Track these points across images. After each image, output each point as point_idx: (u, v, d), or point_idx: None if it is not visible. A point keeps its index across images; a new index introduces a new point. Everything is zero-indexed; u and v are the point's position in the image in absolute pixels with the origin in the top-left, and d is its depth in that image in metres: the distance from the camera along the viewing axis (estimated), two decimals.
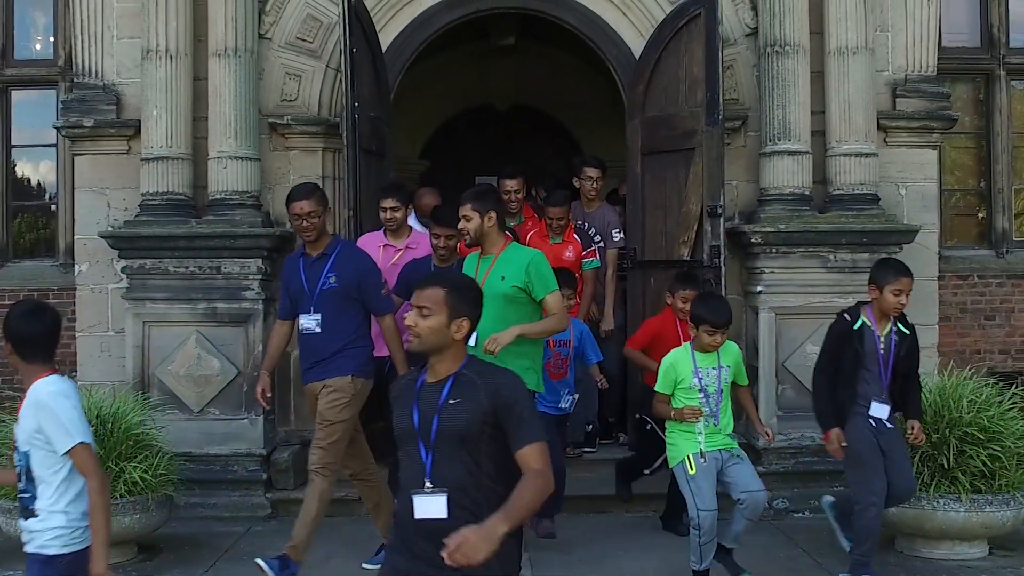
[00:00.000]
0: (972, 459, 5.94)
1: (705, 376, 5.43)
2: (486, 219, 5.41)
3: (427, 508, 3.39)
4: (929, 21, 7.81)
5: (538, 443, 3.42)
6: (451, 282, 3.59)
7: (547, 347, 6.02)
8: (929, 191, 7.87)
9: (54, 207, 9.62)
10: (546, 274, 5.42)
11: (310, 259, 5.85)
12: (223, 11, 7.18)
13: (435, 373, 3.51)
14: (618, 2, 7.71)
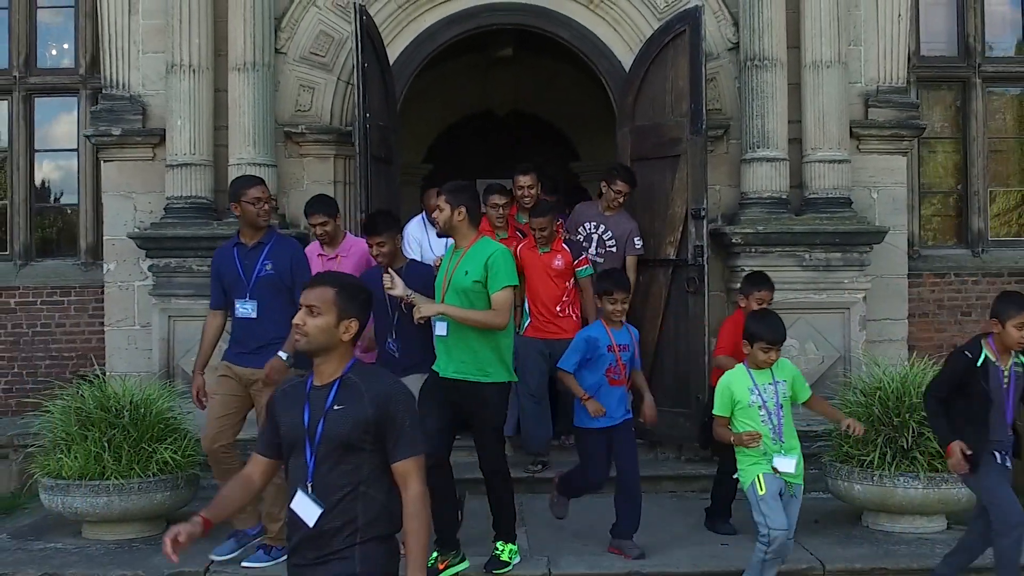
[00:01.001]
0: (930, 440, 6.55)
1: (764, 392, 5.41)
2: (456, 212, 5.70)
3: (303, 509, 3.47)
4: (899, 36, 8.45)
5: (416, 458, 3.49)
6: (341, 283, 3.61)
7: (609, 351, 6.09)
8: (899, 195, 8.51)
9: (70, 210, 10.35)
10: (501, 270, 5.65)
11: (245, 248, 6.18)
12: (242, 28, 7.85)
13: (321, 375, 3.55)
14: (609, 19, 8.38)
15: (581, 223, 7.88)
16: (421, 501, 3.49)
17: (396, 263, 6.27)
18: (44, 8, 10.24)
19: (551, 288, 7.53)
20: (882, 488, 6.61)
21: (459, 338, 5.70)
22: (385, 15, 8.19)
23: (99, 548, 6.53)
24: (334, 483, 3.46)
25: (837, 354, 7.87)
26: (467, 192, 5.89)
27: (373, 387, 3.50)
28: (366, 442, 3.46)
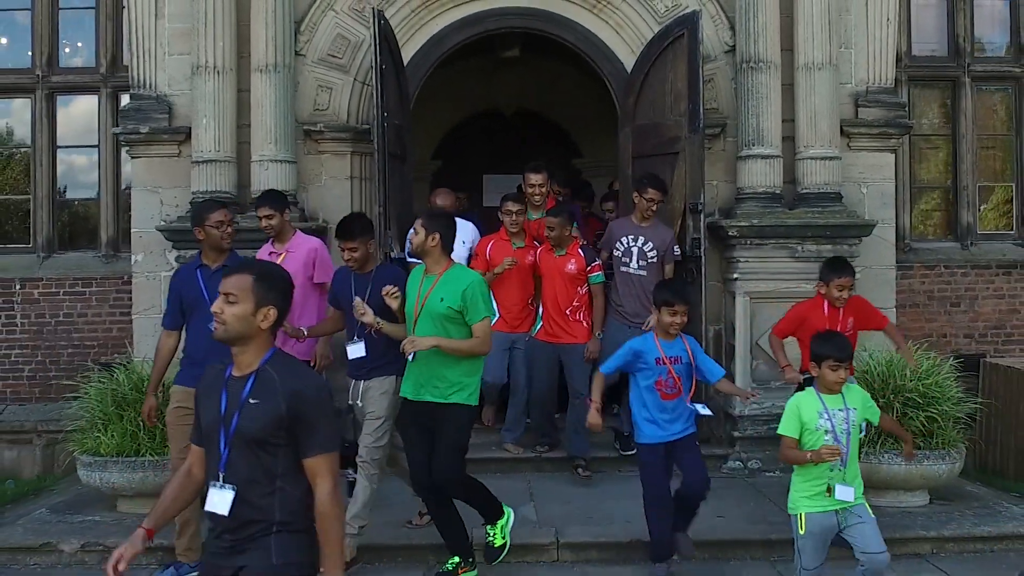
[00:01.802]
0: (913, 420, 7.11)
1: (833, 417, 5.28)
2: (429, 238, 5.87)
3: (215, 502, 3.48)
4: (887, 39, 8.95)
5: (327, 454, 3.48)
6: (259, 270, 3.60)
7: (658, 364, 5.94)
8: (887, 190, 9.03)
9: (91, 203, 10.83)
10: (480, 301, 5.84)
11: (209, 270, 6.31)
12: (264, 32, 8.36)
13: (240, 366, 3.55)
14: (612, 23, 8.92)
15: (618, 238, 7.97)
16: (331, 499, 3.47)
17: (367, 267, 6.39)
18: (66, 9, 10.71)
19: (563, 291, 7.88)
20: (868, 464, 7.03)
21: (429, 363, 5.88)
22: (400, 19, 8.71)
23: (134, 521, 6.96)
24: (249, 475, 3.47)
25: None
26: (443, 219, 6.09)
27: (288, 382, 3.48)
28: (280, 437, 3.46)
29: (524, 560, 6.48)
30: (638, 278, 7.85)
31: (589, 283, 7.95)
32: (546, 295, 7.98)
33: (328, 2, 8.74)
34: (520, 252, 8.03)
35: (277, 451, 3.47)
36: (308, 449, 3.46)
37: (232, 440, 3.48)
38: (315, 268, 7.13)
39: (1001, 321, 10.71)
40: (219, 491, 3.49)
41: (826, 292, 6.81)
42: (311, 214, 8.64)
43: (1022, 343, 10.71)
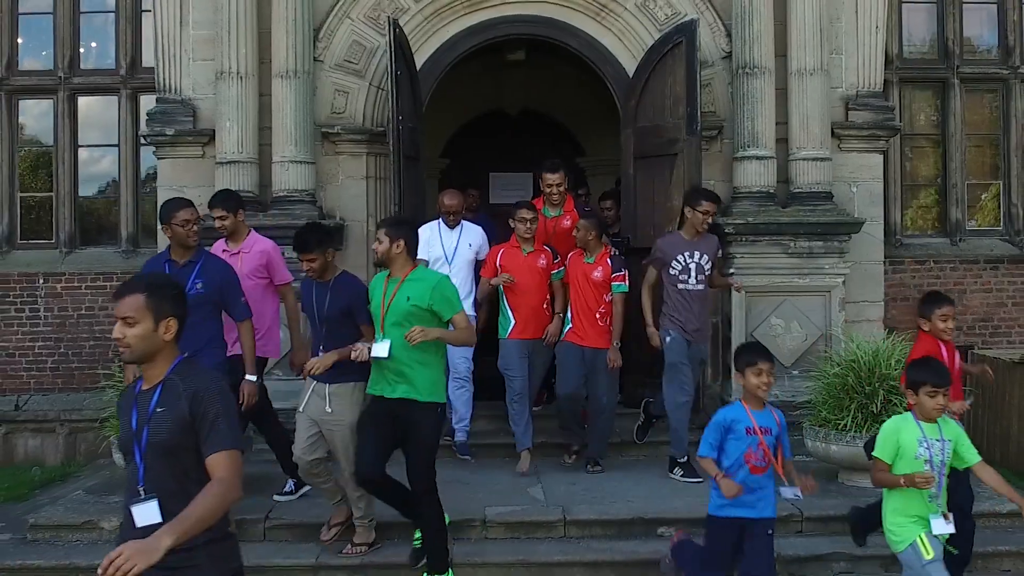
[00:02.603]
0: (896, 406, 7.68)
1: (932, 447, 5.17)
2: (395, 245, 6.14)
3: (144, 516, 3.53)
4: (876, 46, 9.52)
5: (228, 451, 3.49)
6: (148, 285, 3.63)
7: (748, 434, 5.53)
8: (876, 189, 9.61)
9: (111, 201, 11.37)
10: (451, 296, 6.15)
11: (176, 265, 6.58)
12: (284, 39, 8.94)
13: (149, 379, 3.61)
14: (615, 30, 9.50)
15: (675, 256, 8.00)
16: (222, 482, 3.46)
17: (327, 276, 6.56)
18: (87, 13, 11.22)
19: (590, 297, 8.15)
20: (854, 449, 7.63)
21: (401, 360, 6.10)
22: (413, 26, 9.29)
23: None
24: (166, 485, 3.54)
25: (819, 332, 8.97)
26: (406, 226, 6.35)
27: (190, 385, 3.55)
28: (190, 441, 3.51)
29: (534, 536, 7.06)
30: (698, 293, 8.00)
31: (612, 292, 8.17)
32: (574, 299, 8.24)
33: (345, 10, 9.33)
34: (531, 257, 8.31)
35: (189, 456, 3.53)
36: (210, 446, 3.50)
37: (146, 452, 3.54)
38: (270, 270, 7.43)
39: (989, 314, 11.23)
40: (142, 505, 3.56)
41: (930, 328, 6.51)
42: (328, 212, 9.23)
43: (1009, 335, 11.24)
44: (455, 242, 8.49)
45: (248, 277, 7.28)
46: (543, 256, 8.35)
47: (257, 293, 7.20)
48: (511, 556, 6.80)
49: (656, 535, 7.07)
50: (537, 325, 8.33)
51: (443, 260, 8.42)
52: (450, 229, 8.52)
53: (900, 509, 5.22)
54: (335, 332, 6.44)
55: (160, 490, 3.55)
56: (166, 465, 3.55)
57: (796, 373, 8.85)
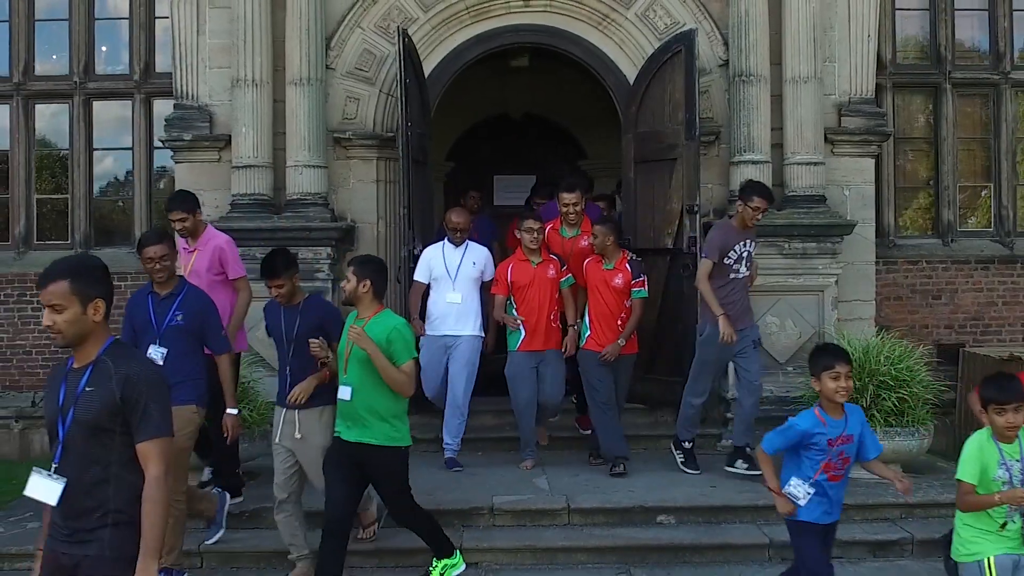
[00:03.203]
0: (885, 400, 8.09)
1: (1011, 468, 4.96)
2: (361, 284, 6.20)
3: (39, 491, 3.63)
4: (868, 54, 9.95)
5: (160, 439, 3.58)
6: (70, 270, 3.65)
7: (831, 445, 5.35)
8: (868, 192, 10.04)
9: (124, 203, 11.82)
10: (401, 344, 6.13)
11: (158, 297, 6.61)
12: (298, 48, 9.38)
13: (80, 359, 3.68)
14: (616, 38, 9.93)
15: (731, 247, 8.13)
16: (158, 483, 3.57)
17: (295, 300, 6.71)
18: (101, 20, 11.65)
19: (611, 303, 8.35)
20: None
21: (363, 403, 6.19)
22: (421, 35, 9.72)
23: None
24: (86, 464, 3.59)
25: (812, 330, 9.39)
26: (373, 265, 6.38)
27: (122, 368, 3.60)
28: (116, 424, 3.57)
29: (540, 523, 7.51)
30: (744, 281, 8.26)
31: (632, 297, 8.41)
32: (593, 306, 8.41)
33: (356, 20, 9.78)
34: (540, 268, 8.49)
35: (113, 438, 3.59)
36: (140, 433, 3.58)
37: (69, 429, 3.60)
38: (223, 265, 7.55)
39: (979, 313, 11.64)
40: (45, 479, 3.64)
41: None
42: (340, 214, 9.68)
43: (999, 333, 11.65)
44: (459, 261, 8.64)
45: (204, 273, 7.48)
46: (552, 266, 8.52)
47: (215, 289, 7.34)
48: (518, 542, 7.25)
49: (656, 523, 7.53)
50: (546, 336, 8.50)
51: (446, 279, 8.61)
52: (455, 247, 8.68)
53: (973, 523, 5.02)
54: (302, 353, 6.56)
55: (75, 468, 3.61)
56: (89, 446, 3.60)
57: (791, 369, 9.29)
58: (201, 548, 7.19)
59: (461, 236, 8.70)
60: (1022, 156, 12.10)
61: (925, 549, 7.21)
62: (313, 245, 9.36)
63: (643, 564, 7.04)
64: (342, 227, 9.48)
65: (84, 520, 3.61)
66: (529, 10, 9.93)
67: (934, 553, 6.96)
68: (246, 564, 7.13)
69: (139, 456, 3.58)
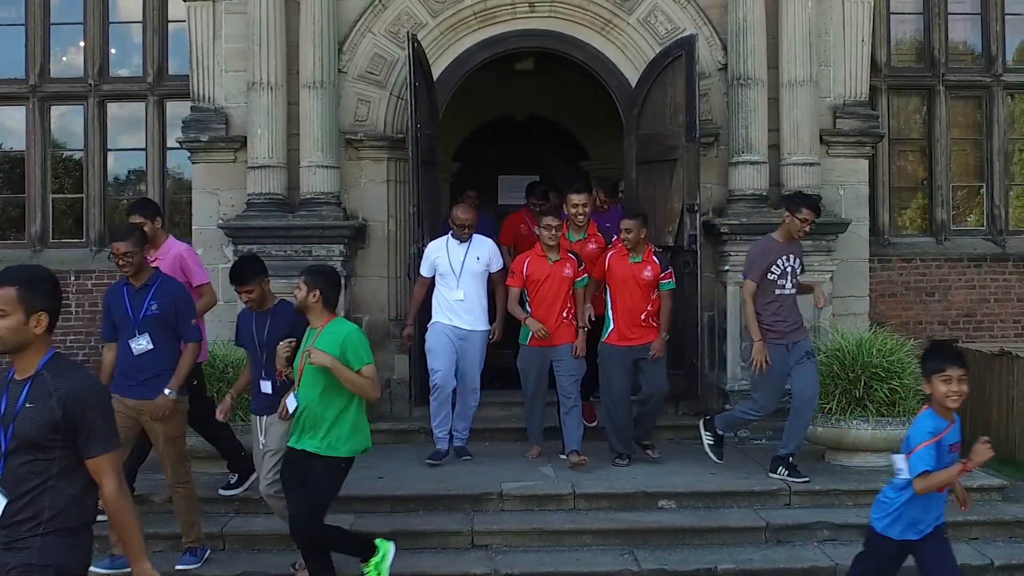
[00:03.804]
0: (877, 391, 8.49)
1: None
2: (311, 295, 6.34)
3: None
4: (862, 58, 10.37)
5: (109, 454, 3.65)
6: (21, 278, 3.69)
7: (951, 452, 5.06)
8: (862, 192, 10.47)
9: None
10: (360, 348, 6.25)
11: (134, 288, 6.82)
12: (311, 53, 9.80)
13: (20, 370, 3.71)
14: (618, 43, 10.37)
15: (774, 261, 8.09)
16: (118, 494, 3.67)
17: (265, 305, 6.89)
18: (115, 24, 12.10)
19: (637, 298, 8.52)
20: (839, 430, 8.56)
21: (312, 414, 6.32)
22: (429, 40, 10.14)
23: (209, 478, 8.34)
24: (24, 477, 3.64)
25: (808, 325, 9.78)
26: (323, 275, 6.52)
27: (62, 386, 3.63)
28: (56, 440, 3.61)
29: (546, 508, 7.93)
30: (791, 297, 8.19)
31: (660, 289, 8.60)
32: (618, 301, 8.57)
33: (367, 25, 10.20)
34: (557, 265, 8.62)
35: (53, 453, 3.64)
36: (89, 450, 3.64)
37: (10, 442, 3.65)
38: (186, 273, 7.68)
39: (972, 310, 12.09)
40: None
41: None
42: (352, 213, 10.11)
43: (992, 329, 12.09)
44: (463, 256, 8.81)
45: None
46: (568, 264, 8.64)
47: None
48: (526, 525, 7.66)
49: (657, 507, 7.95)
50: (558, 333, 8.64)
51: (451, 275, 8.78)
52: (459, 243, 8.83)
53: None
54: (273, 359, 6.72)
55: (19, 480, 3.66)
56: (30, 457, 3.65)
57: None
58: (224, 531, 7.60)
59: (467, 232, 8.83)
60: (1016, 157, 12.58)
61: None
62: (326, 243, 9.78)
63: (645, 546, 7.45)
64: (354, 225, 9.91)
65: (18, 529, 3.66)
66: (534, 15, 10.36)
67: None
68: (268, 546, 7.50)
69: (91, 471, 3.66)
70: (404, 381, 10.09)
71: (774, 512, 7.90)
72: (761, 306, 8.10)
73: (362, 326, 9.87)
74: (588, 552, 7.43)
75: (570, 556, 7.35)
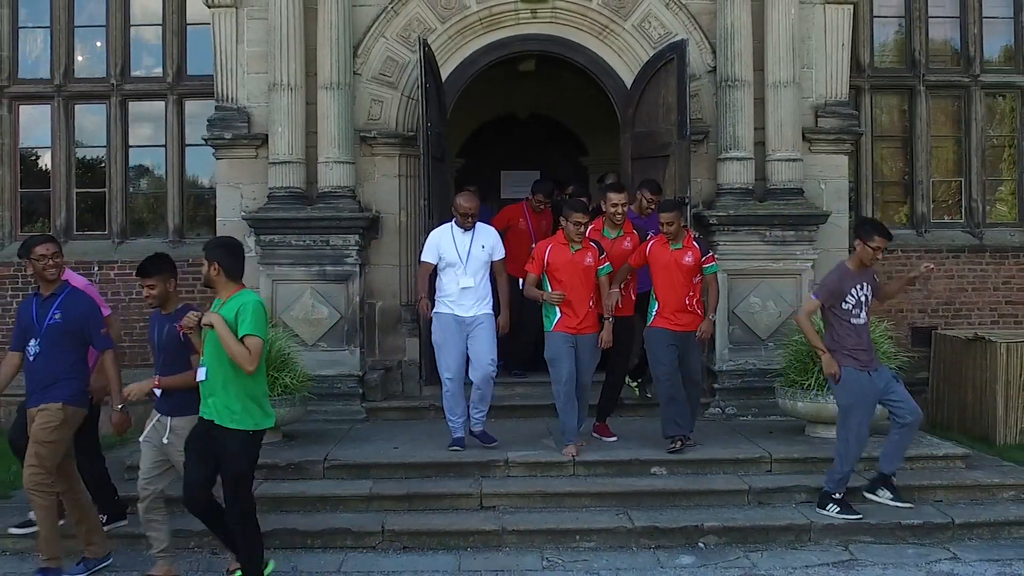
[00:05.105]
0: None
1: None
2: (212, 268, 6.47)
3: None
4: (842, 61, 11.25)
5: None
6: None
7: None
8: (842, 186, 11.37)
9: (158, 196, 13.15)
10: (251, 318, 6.30)
11: (42, 298, 7.07)
12: (328, 56, 10.70)
13: None
14: (615, 47, 11.29)
15: (847, 291, 8.06)
16: None
17: (168, 306, 6.91)
18: (136, 26, 12.98)
19: (680, 282, 8.88)
20: (817, 404, 9.44)
21: (215, 381, 6.44)
22: (439, 44, 11.07)
23: None
24: None
25: (791, 309, 10.57)
26: (222, 247, 6.60)
27: None
28: None
29: (549, 474, 8.84)
30: (866, 325, 8.17)
31: (704, 273, 9.00)
32: (661, 287, 8.94)
33: (380, 30, 11.13)
34: (578, 255, 8.86)
35: None
36: None
37: None
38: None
39: (951, 298, 12.94)
40: None
41: None
42: (366, 206, 11.04)
43: (969, 317, 12.96)
44: (468, 244, 9.10)
45: None
46: (590, 254, 8.88)
47: None
48: (530, 488, 8.58)
49: (650, 473, 8.88)
50: (583, 320, 8.90)
51: (457, 263, 9.06)
52: (464, 231, 9.11)
53: None
54: (170, 362, 6.84)
55: None
56: None
57: (772, 344, 10.58)
58: (255, 493, 8.45)
59: (471, 220, 9.09)
60: (994, 153, 13.47)
61: None
62: (343, 233, 10.69)
63: (639, 507, 8.35)
64: (368, 217, 10.84)
65: None
66: (536, 21, 11.29)
67: None
68: (295, 508, 8.41)
69: None
70: (415, 363, 11.05)
71: (756, 478, 8.82)
72: (841, 335, 8.07)
73: (375, 311, 10.95)
74: (587, 512, 8.33)
75: (570, 515, 8.25)
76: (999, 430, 10.61)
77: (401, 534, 7.95)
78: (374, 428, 10.34)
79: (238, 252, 6.68)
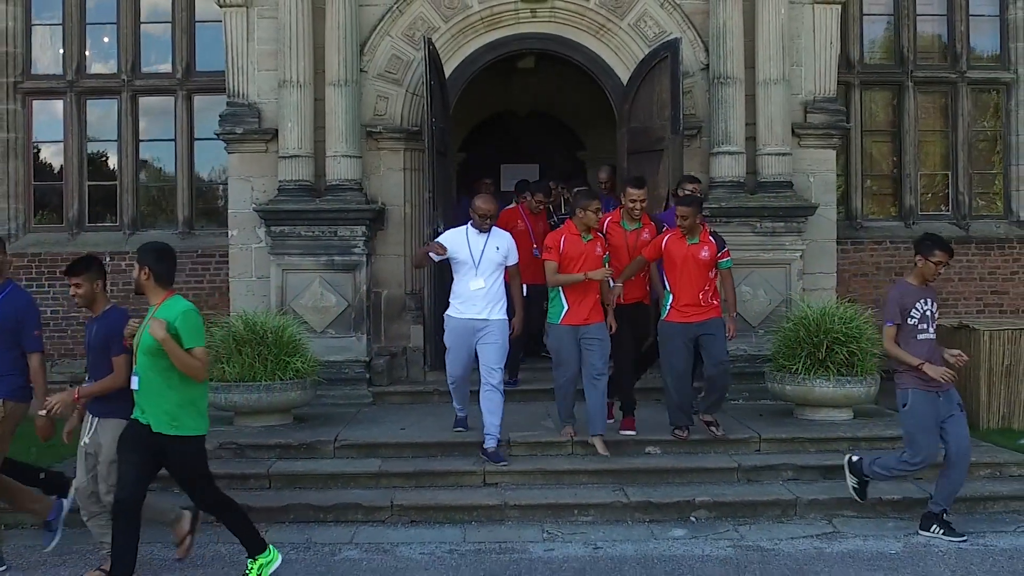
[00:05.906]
0: (838, 354, 9.86)
1: None
2: (142, 273, 6.46)
3: None
4: (830, 59, 11.78)
5: None
6: None
7: None
8: (830, 179, 11.89)
9: (168, 188, 13.73)
10: (192, 328, 6.32)
11: None
12: (336, 54, 11.24)
13: None
14: (612, 46, 11.83)
15: (912, 306, 7.82)
16: None
17: (96, 307, 6.91)
18: (146, 23, 13.54)
19: (695, 277, 9.00)
20: (804, 388, 9.98)
21: (151, 390, 6.38)
22: (442, 43, 11.59)
23: (250, 430, 9.83)
24: None
25: (781, 297, 11.21)
26: (152, 252, 6.53)
27: None
28: None
29: (548, 453, 9.36)
30: (933, 342, 7.90)
31: (719, 268, 9.13)
32: (676, 281, 9.06)
33: (386, 29, 11.67)
34: (590, 245, 9.01)
35: None
36: None
37: None
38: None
39: (938, 288, 12.70)
40: None
41: None
42: (372, 198, 11.58)
43: (955, 306, 13.49)
44: (483, 245, 9.02)
45: None
46: (599, 244, 9.07)
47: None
48: (531, 466, 9.08)
49: (645, 452, 9.40)
50: (590, 311, 9.03)
51: (471, 264, 9.01)
52: (479, 233, 9.03)
53: None
54: (98, 364, 6.83)
55: None
56: None
57: (762, 331, 11.13)
58: (270, 471, 9.03)
59: (488, 223, 9.04)
60: (978, 147, 14.00)
61: None
62: (350, 224, 11.24)
63: (634, 483, 8.87)
64: (374, 209, 11.39)
65: None
66: (536, 20, 11.83)
67: None
68: (308, 485, 8.91)
69: None
70: (419, 349, 11.60)
71: (745, 456, 9.35)
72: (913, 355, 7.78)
73: (381, 299, 11.52)
74: (585, 488, 8.84)
75: (569, 491, 8.77)
76: (982, 415, 11.09)
77: (409, 509, 8.44)
78: (381, 411, 10.89)
79: (169, 258, 6.64)
